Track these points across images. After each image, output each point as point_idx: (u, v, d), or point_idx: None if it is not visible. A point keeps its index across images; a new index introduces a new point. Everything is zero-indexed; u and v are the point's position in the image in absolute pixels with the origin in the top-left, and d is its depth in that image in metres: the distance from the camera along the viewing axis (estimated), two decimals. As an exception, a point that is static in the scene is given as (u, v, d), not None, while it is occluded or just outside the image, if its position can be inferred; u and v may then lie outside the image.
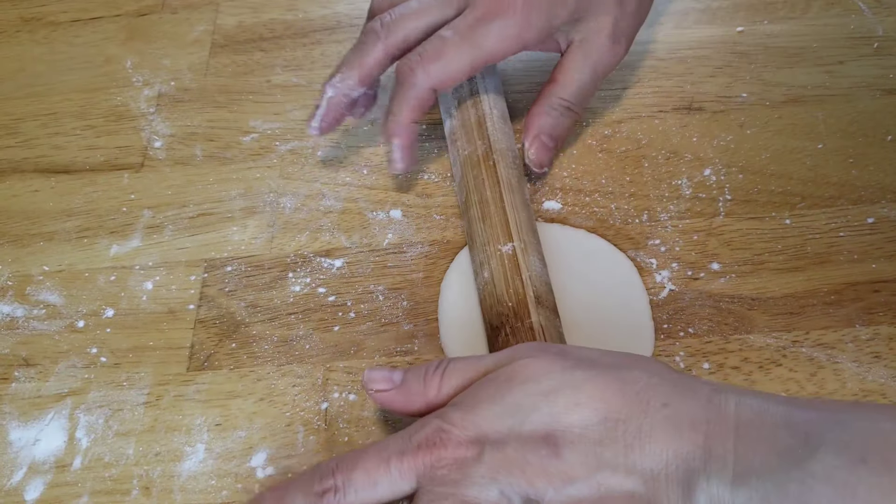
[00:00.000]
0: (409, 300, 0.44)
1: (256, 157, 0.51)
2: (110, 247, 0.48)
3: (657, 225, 0.45)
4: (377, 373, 0.36)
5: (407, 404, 0.35)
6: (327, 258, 0.46)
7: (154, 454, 0.41)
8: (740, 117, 0.48)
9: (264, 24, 0.57)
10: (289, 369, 0.42)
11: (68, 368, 0.44)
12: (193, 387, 0.42)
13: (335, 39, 0.56)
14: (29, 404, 0.43)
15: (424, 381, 0.35)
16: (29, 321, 0.46)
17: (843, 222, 0.44)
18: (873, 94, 0.48)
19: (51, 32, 0.59)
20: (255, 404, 0.41)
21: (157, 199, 0.50)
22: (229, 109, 0.53)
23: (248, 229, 0.48)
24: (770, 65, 0.50)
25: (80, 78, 0.56)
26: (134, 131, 0.53)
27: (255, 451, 0.40)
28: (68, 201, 0.50)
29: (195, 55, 0.56)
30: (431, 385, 0.35)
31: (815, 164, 0.46)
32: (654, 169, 0.47)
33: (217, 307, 0.45)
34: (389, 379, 0.35)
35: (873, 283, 0.42)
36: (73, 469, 0.40)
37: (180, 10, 0.59)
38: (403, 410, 0.35)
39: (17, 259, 0.48)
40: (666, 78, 0.51)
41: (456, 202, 0.47)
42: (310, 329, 0.43)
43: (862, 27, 0.51)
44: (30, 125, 0.54)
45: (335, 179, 0.49)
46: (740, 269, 0.43)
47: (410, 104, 0.43)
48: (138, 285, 0.46)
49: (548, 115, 0.45)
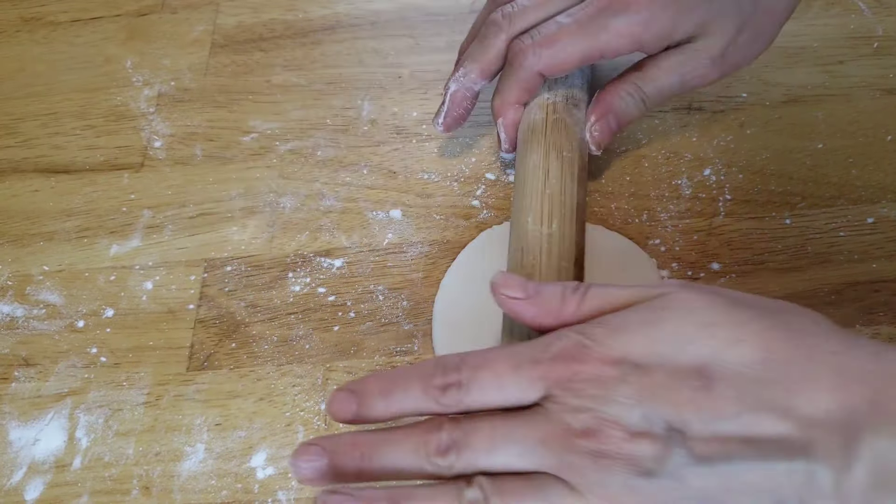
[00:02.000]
0: (409, 300, 0.44)
1: (256, 157, 0.51)
2: (110, 247, 0.48)
3: (657, 225, 0.45)
4: (512, 279, 0.34)
5: (537, 316, 0.33)
6: (327, 258, 0.46)
7: (154, 454, 0.41)
8: (740, 117, 0.48)
9: (264, 24, 0.57)
10: (289, 369, 0.42)
11: (68, 368, 0.44)
12: (193, 387, 0.42)
13: (335, 39, 0.56)
14: (29, 404, 0.43)
15: (562, 298, 0.33)
16: (29, 321, 0.46)
17: (843, 222, 0.44)
18: (873, 94, 0.48)
19: (51, 32, 0.59)
20: (255, 404, 0.41)
21: (156, 199, 0.50)
22: (229, 109, 0.53)
23: (248, 229, 0.48)
24: (770, 65, 0.50)
25: (80, 78, 0.56)
26: (134, 131, 0.53)
27: (255, 451, 0.40)
28: (68, 201, 0.50)
29: (195, 55, 0.56)
30: (569, 303, 0.33)
31: (815, 164, 0.46)
32: (654, 169, 0.47)
33: (217, 307, 0.45)
34: (524, 287, 0.33)
35: (873, 283, 0.42)
36: (72, 469, 0.41)
37: (180, 10, 0.59)
38: (531, 322, 0.34)
39: (17, 259, 0.48)
40: (666, 78, 0.51)
41: (456, 202, 0.47)
42: (310, 329, 0.43)
43: (862, 27, 0.51)
44: (30, 125, 0.54)
45: (335, 179, 0.49)
46: (740, 269, 0.43)
47: (518, 85, 0.43)
48: (138, 285, 0.46)
49: (622, 100, 0.44)
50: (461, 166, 0.48)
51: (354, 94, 0.53)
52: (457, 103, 0.45)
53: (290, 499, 0.39)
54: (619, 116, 0.44)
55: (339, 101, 0.52)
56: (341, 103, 0.52)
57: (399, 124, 0.51)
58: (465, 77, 0.45)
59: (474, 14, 0.55)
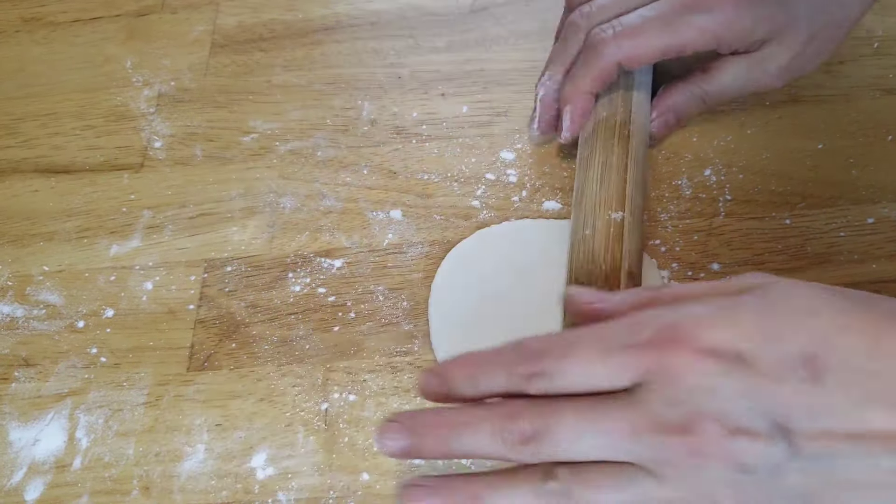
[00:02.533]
0: (409, 300, 0.44)
1: (256, 157, 0.51)
2: (110, 247, 0.48)
3: (657, 225, 0.45)
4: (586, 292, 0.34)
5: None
6: (327, 258, 0.46)
7: (154, 454, 0.41)
8: (740, 117, 0.48)
9: (264, 24, 0.57)
10: (289, 369, 0.42)
11: (68, 368, 0.44)
12: (193, 387, 0.42)
13: (335, 39, 0.56)
14: (29, 404, 0.43)
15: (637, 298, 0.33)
16: (29, 321, 0.46)
17: (843, 222, 0.44)
18: (873, 94, 0.48)
19: (51, 32, 0.59)
20: (255, 404, 0.41)
21: (157, 199, 0.50)
22: (229, 109, 0.53)
23: (248, 229, 0.48)
24: (770, 65, 0.50)
25: (79, 78, 0.56)
26: (134, 131, 0.53)
27: (255, 451, 0.40)
28: (68, 201, 0.50)
29: (195, 55, 0.56)
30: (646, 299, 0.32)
31: (815, 164, 0.46)
32: (654, 169, 0.47)
33: (217, 307, 0.45)
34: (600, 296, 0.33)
35: (873, 283, 0.42)
36: (73, 469, 0.41)
37: (180, 10, 0.59)
38: None
39: (17, 259, 0.48)
40: (666, 78, 0.51)
41: (456, 202, 0.47)
42: (310, 329, 0.43)
43: (862, 27, 0.51)
44: (30, 125, 0.54)
45: (335, 179, 0.49)
46: (741, 270, 0.43)
47: (594, 74, 0.43)
48: (138, 285, 0.46)
49: (685, 98, 0.45)
50: (461, 166, 0.48)
51: (354, 94, 0.53)
52: (548, 106, 0.46)
53: (290, 499, 0.39)
54: (681, 114, 0.46)
55: (339, 101, 0.52)
56: (341, 103, 0.52)
57: (399, 124, 0.51)
58: (551, 80, 0.45)
59: (474, 14, 0.55)
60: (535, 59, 0.52)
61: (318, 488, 0.39)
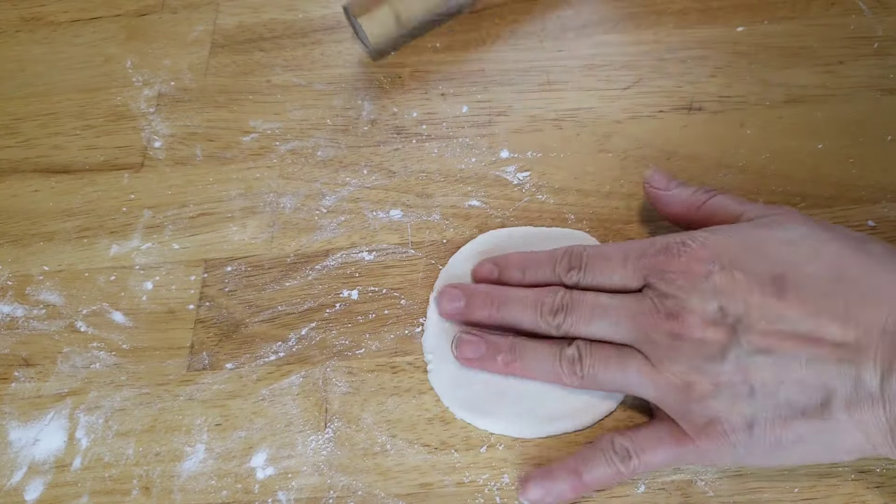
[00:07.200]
0: (409, 300, 0.44)
1: (256, 157, 0.51)
2: (110, 247, 0.48)
3: (657, 225, 0.45)
4: (660, 174, 0.42)
5: (668, 205, 0.41)
6: (327, 258, 0.46)
7: (154, 454, 0.41)
8: (740, 117, 0.48)
9: (264, 24, 0.57)
10: (288, 369, 0.42)
11: (68, 368, 0.44)
12: (193, 387, 0.42)
13: (335, 39, 0.56)
14: (29, 404, 0.43)
15: (692, 195, 0.40)
16: (29, 321, 0.46)
17: (843, 222, 0.44)
18: (873, 94, 0.48)
19: (51, 32, 0.59)
20: (255, 404, 0.42)
21: (156, 199, 0.50)
22: (229, 109, 0.53)
23: (248, 229, 0.48)
24: (770, 65, 0.50)
25: (80, 78, 0.56)
26: (134, 131, 0.53)
27: (255, 451, 0.40)
28: (68, 201, 0.50)
29: (195, 55, 0.56)
30: (696, 198, 0.40)
31: (815, 164, 0.46)
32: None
33: (217, 307, 0.45)
34: (668, 181, 0.41)
35: (873, 283, 0.42)
36: (72, 469, 0.41)
37: (180, 10, 0.59)
38: (662, 209, 0.41)
39: (17, 259, 0.48)
40: (666, 78, 0.51)
41: (456, 202, 0.47)
42: (310, 329, 0.43)
43: (862, 27, 0.51)
44: (30, 125, 0.54)
45: (335, 179, 0.49)
46: (740, 269, 0.43)
47: None
48: (138, 285, 0.46)
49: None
50: (461, 166, 0.48)
51: (354, 94, 0.53)
52: None
53: (290, 499, 0.39)
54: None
55: (339, 101, 0.52)
56: (341, 103, 0.52)
57: (399, 124, 0.51)
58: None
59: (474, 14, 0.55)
60: (536, 59, 0.52)
61: (318, 488, 0.39)
